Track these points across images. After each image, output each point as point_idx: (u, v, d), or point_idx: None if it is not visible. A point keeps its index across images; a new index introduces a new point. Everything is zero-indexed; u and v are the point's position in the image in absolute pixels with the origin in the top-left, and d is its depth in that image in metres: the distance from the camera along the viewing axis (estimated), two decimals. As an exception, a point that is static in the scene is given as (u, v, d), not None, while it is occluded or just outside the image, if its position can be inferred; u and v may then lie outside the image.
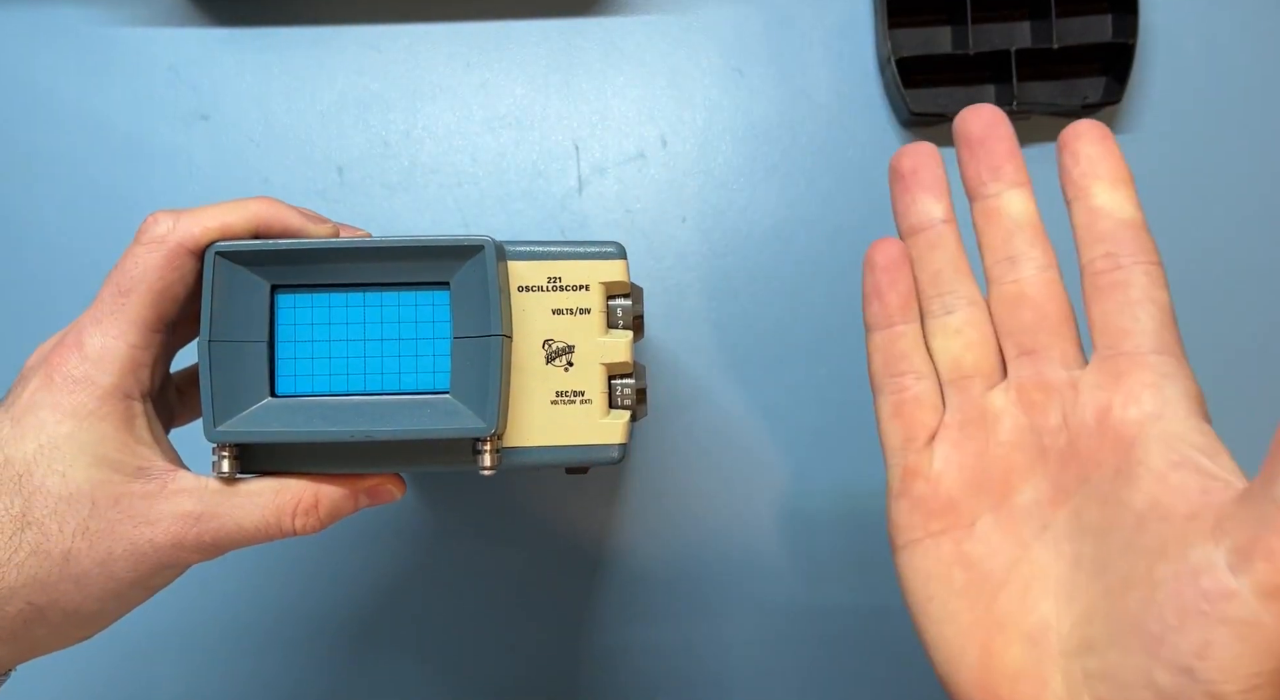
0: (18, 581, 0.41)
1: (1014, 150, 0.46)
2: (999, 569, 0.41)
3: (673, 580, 0.66)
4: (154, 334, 0.43)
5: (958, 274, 0.45)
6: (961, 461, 0.43)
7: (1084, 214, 0.43)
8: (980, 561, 0.42)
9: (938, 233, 0.46)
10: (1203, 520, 0.36)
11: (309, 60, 0.67)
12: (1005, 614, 0.41)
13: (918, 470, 0.44)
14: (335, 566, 0.66)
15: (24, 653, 0.43)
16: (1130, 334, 0.41)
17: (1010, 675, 0.40)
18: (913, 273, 0.46)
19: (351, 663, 0.67)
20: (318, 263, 0.44)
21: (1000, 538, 0.42)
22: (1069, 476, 0.41)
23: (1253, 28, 0.67)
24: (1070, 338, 0.43)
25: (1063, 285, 0.44)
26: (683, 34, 0.67)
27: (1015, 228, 0.45)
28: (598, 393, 0.46)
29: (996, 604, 0.41)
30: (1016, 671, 0.40)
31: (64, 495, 0.41)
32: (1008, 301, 0.44)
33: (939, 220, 0.46)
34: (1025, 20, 0.66)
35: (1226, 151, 0.67)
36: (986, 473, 0.43)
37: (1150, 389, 0.40)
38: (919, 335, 0.45)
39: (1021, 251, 0.44)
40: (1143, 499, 0.38)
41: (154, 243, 0.43)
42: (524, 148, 0.67)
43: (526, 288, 0.46)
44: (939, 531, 0.43)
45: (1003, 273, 0.44)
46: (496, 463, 0.45)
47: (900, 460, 0.44)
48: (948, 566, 0.42)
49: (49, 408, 0.42)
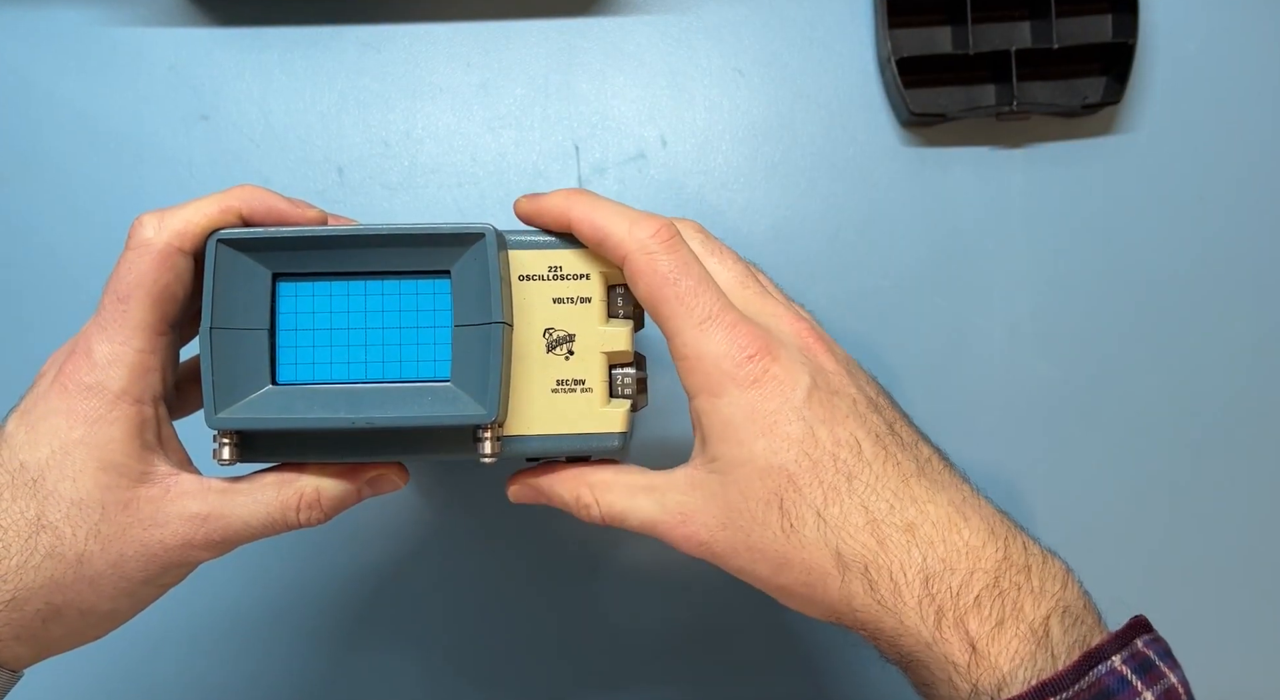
0: (35, 582, 0.42)
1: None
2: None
3: (672, 572, 0.66)
4: (159, 336, 0.44)
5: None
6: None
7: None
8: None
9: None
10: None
11: (309, 60, 0.67)
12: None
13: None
14: (335, 560, 0.66)
15: (41, 651, 0.45)
16: None
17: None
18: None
19: (351, 655, 0.66)
20: (320, 250, 0.44)
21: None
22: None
23: (1253, 28, 0.67)
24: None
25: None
26: (683, 34, 0.67)
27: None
28: (598, 381, 0.46)
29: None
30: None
31: (76, 500, 0.42)
32: None
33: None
34: (1025, 20, 0.66)
35: (1226, 151, 0.67)
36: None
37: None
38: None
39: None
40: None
41: (142, 246, 0.43)
42: (524, 148, 0.67)
43: (527, 276, 0.46)
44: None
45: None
46: (497, 451, 0.44)
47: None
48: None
49: (62, 414, 0.43)
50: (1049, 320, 0.67)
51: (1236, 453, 0.67)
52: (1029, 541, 0.43)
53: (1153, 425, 0.67)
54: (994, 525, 0.43)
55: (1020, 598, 0.41)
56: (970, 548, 0.42)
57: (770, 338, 0.44)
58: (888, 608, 0.41)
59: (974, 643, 0.40)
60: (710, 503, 0.44)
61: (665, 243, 0.44)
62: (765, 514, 0.43)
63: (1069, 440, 0.67)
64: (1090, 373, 0.67)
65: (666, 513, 0.45)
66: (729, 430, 0.43)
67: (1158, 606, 0.65)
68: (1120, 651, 0.40)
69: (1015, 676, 0.39)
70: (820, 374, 0.44)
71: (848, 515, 0.42)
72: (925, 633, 0.41)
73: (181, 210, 0.43)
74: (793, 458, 0.42)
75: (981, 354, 0.67)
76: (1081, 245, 0.67)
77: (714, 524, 0.44)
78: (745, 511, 0.43)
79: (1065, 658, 0.39)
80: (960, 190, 0.67)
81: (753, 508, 0.43)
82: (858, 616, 0.43)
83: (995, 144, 0.67)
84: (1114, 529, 0.66)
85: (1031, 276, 0.67)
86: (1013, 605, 0.40)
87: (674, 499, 0.45)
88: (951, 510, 0.42)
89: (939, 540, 0.42)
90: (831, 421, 0.43)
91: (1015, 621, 0.40)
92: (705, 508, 0.44)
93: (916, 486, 0.43)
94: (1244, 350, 0.67)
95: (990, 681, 0.40)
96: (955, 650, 0.40)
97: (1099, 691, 0.39)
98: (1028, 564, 0.42)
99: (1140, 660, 0.40)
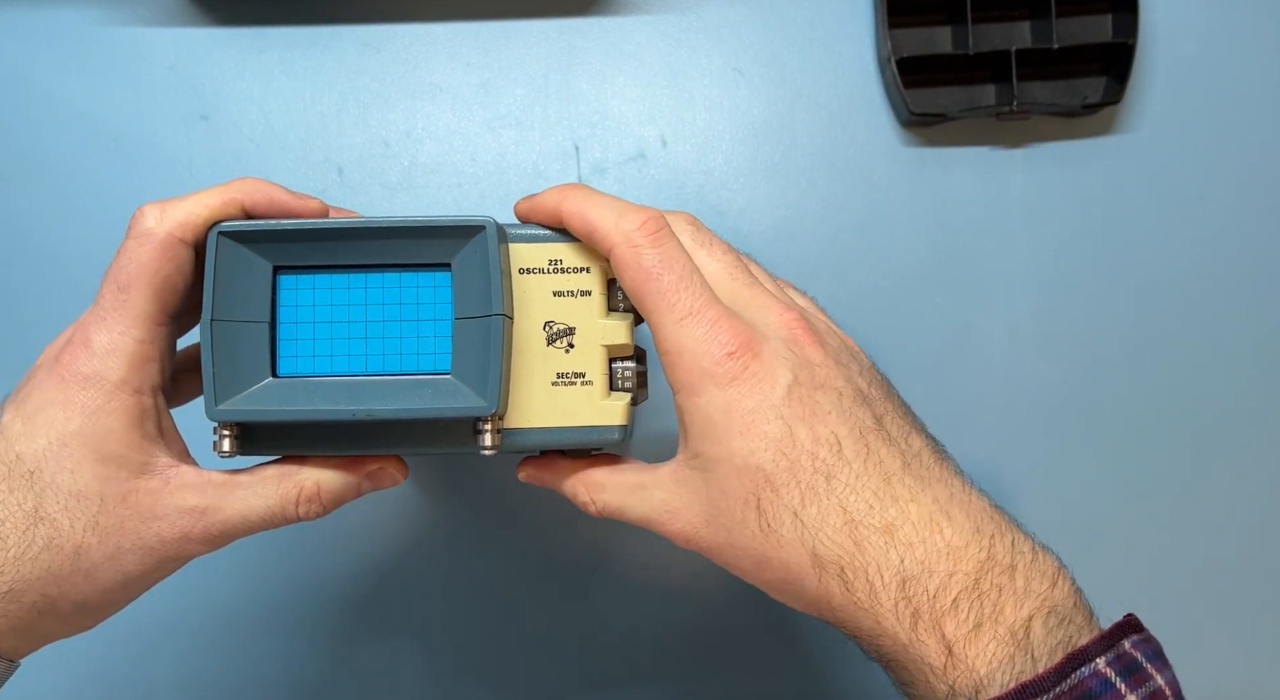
0: (32, 574, 0.42)
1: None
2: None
3: (674, 570, 0.66)
4: (158, 327, 0.44)
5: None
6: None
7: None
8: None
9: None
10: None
11: (309, 60, 0.67)
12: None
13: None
14: (335, 557, 0.66)
15: (35, 642, 0.45)
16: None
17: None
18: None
19: (350, 652, 0.66)
20: (320, 243, 0.44)
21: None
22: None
23: (1253, 28, 0.67)
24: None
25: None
26: (683, 34, 0.68)
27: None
28: (598, 374, 0.46)
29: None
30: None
31: (74, 491, 0.42)
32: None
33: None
34: (1025, 20, 0.66)
35: (1226, 151, 0.67)
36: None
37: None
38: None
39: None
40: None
41: (144, 236, 0.43)
42: (524, 148, 0.67)
43: (528, 270, 0.46)
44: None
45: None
46: (497, 443, 0.44)
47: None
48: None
49: (60, 405, 0.42)
50: (1049, 320, 0.67)
51: (1237, 452, 0.67)
52: (1019, 538, 0.43)
53: (1152, 425, 0.67)
54: (980, 523, 0.42)
55: (1001, 599, 0.40)
56: (951, 548, 0.41)
57: (753, 333, 0.43)
58: (864, 608, 0.41)
59: (950, 645, 0.40)
60: (694, 499, 0.44)
61: (651, 236, 0.44)
62: (744, 513, 0.43)
63: (1069, 440, 0.67)
64: (1090, 373, 0.67)
65: (655, 509, 0.45)
66: (708, 428, 0.43)
67: (1158, 604, 0.64)
68: (1105, 653, 0.39)
69: (993, 679, 0.39)
70: (804, 368, 0.44)
71: (825, 516, 0.42)
72: (902, 634, 0.41)
73: (183, 201, 0.43)
74: (770, 458, 0.42)
75: (981, 354, 0.67)
76: (1081, 245, 0.67)
77: (698, 521, 0.44)
78: (726, 510, 0.43)
79: (1047, 660, 0.39)
80: (960, 190, 0.67)
81: (732, 506, 0.43)
82: (836, 615, 0.42)
83: (995, 144, 0.67)
84: (1114, 528, 0.66)
85: (1031, 276, 0.67)
86: (992, 607, 0.40)
87: (660, 495, 0.45)
88: (935, 509, 0.42)
89: (918, 541, 0.41)
90: (811, 419, 0.43)
91: (994, 624, 0.40)
92: (690, 505, 0.44)
93: (899, 485, 0.42)
94: (1244, 350, 0.67)
95: (967, 684, 0.39)
96: (931, 652, 0.40)
97: (1081, 694, 0.38)
98: (1013, 563, 0.41)
99: (1127, 661, 0.39)
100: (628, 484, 0.47)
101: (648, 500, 0.46)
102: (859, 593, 0.41)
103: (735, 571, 0.45)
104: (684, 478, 0.45)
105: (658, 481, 0.46)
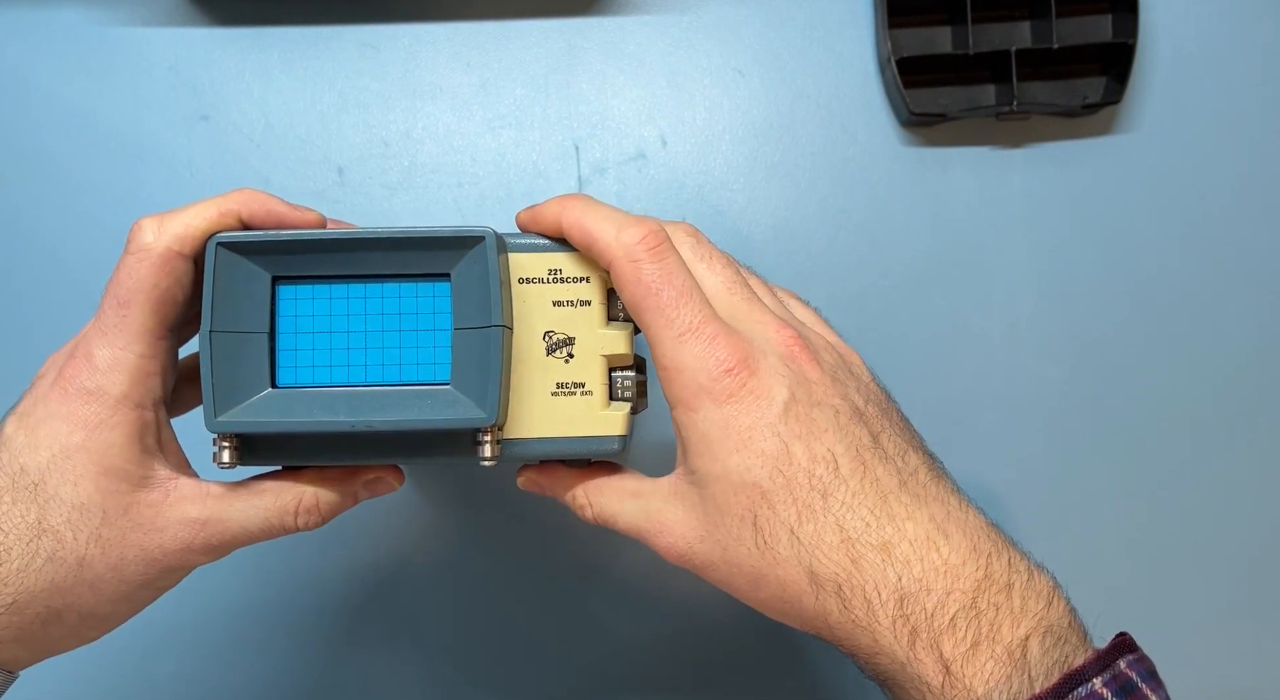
0: (36, 586, 0.42)
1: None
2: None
3: (671, 577, 0.66)
4: (159, 341, 0.44)
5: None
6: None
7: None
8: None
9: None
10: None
11: (309, 60, 0.67)
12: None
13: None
14: (335, 561, 0.66)
15: (39, 653, 0.45)
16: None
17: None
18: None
19: (350, 655, 0.66)
20: (319, 254, 0.44)
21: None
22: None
23: (1253, 27, 0.67)
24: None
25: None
26: (683, 34, 0.67)
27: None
28: (598, 384, 0.46)
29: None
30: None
31: (77, 504, 0.42)
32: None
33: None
34: (1025, 20, 0.66)
35: (1226, 151, 0.67)
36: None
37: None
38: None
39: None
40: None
41: (142, 251, 0.43)
42: (524, 148, 0.67)
43: (527, 280, 0.46)
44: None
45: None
46: (497, 454, 0.45)
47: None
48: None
49: (63, 418, 0.43)
50: (1049, 320, 0.67)
51: (1237, 452, 0.67)
52: (1015, 557, 0.43)
53: (1152, 425, 0.67)
54: (977, 541, 0.42)
55: (999, 618, 0.40)
56: (949, 567, 0.41)
57: (751, 349, 0.43)
58: (862, 626, 0.41)
59: (948, 665, 0.40)
60: (690, 514, 0.44)
61: (651, 250, 0.44)
62: (740, 530, 0.43)
63: (1068, 439, 0.67)
64: (1089, 372, 0.67)
65: (649, 521, 0.45)
66: (705, 444, 0.43)
67: (1157, 604, 0.65)
68: (1102, 673, 0.39)
69: (991, 699, 0.39)
70: (801, 385, 0.43)
71: (822, 534, 0.42)
72: (900, 653, 0.41)
73: (180, 214, 0.44)
74: (766, 475, 0.42)
75: (981, 354, 0.67)
76: (1081, 245, 0.67)
77: (692, 536, 0.44)
78: (721, 526, 0.43)
79: (1044, 679, 0.39)
80: (960, 190, 0.67)
81: (728, 523, 0.43)
82: (834, 633, 0.42)
83: (995, 144, 0.67)
84: (1113, 527, 0.66)
85: (1031, 276, 0.67)
86: (990, 626, 0.40)
87: (656, 507, 0.45)
88: (932, 528, 0.42)
89: (916, 559, 0.41)
90: (808, 437, 0.42)
91: (991, 643, 0.40)
92: (685, 519, 0.44)
93: (895, 503, 0.42)
94: (1244, 350, 0.67)
95: None
96: (929, 671, 0.40)
97: None
98: (1010, 582, 0.41)
99: (1122, 681, 0.40)
100: (624, 490, 0.47)
101: (641, 509, 0.46)
102: (856, 610, 0.41)
103: (729, 589, 0.45)
104: (680, 492, 0.45)
105: (655, 492, 0.46)
